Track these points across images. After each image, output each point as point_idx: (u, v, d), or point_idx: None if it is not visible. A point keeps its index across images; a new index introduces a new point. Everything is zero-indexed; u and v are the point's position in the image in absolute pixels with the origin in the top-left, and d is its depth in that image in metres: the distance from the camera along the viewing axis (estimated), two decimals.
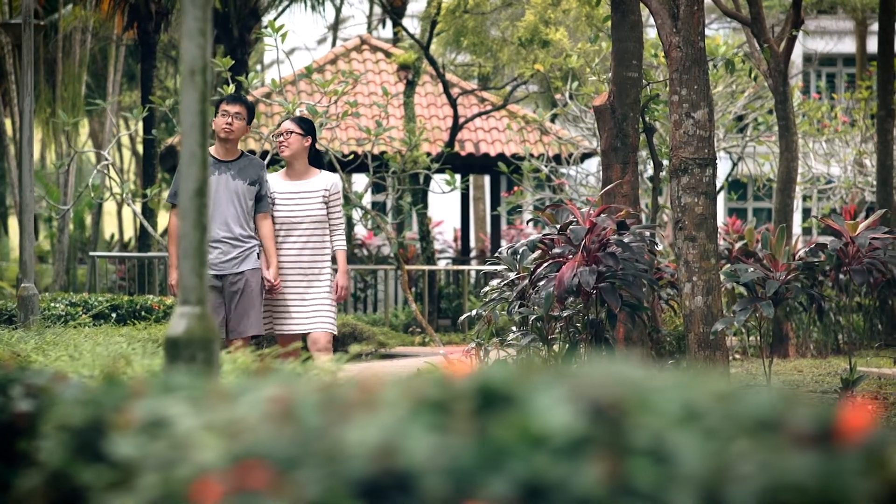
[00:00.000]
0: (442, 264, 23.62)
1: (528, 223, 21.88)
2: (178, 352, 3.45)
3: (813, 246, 7.96)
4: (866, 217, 13.48)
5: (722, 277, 7.84)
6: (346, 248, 8.47)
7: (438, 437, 1.11)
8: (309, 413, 1.18)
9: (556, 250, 7.73)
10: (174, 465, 1.30)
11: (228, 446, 1.23)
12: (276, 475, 1.16)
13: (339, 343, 12.54)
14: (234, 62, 14.41)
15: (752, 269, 7.35)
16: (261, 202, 8.22)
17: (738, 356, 14.04)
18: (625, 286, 7.56)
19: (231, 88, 12.78)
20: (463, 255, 23.64)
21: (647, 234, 8.73)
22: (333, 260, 8.45)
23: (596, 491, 1.07)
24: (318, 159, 8.54)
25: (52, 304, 10.76)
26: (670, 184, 7.36)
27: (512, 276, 8.24)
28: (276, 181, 8.39)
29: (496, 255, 8.51)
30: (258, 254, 8.16)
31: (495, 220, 22.28)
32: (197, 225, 3.47)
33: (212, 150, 8.06)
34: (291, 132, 8.36)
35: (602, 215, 7.55)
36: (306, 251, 8.31)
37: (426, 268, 18.44)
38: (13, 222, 35.88)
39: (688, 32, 7.29)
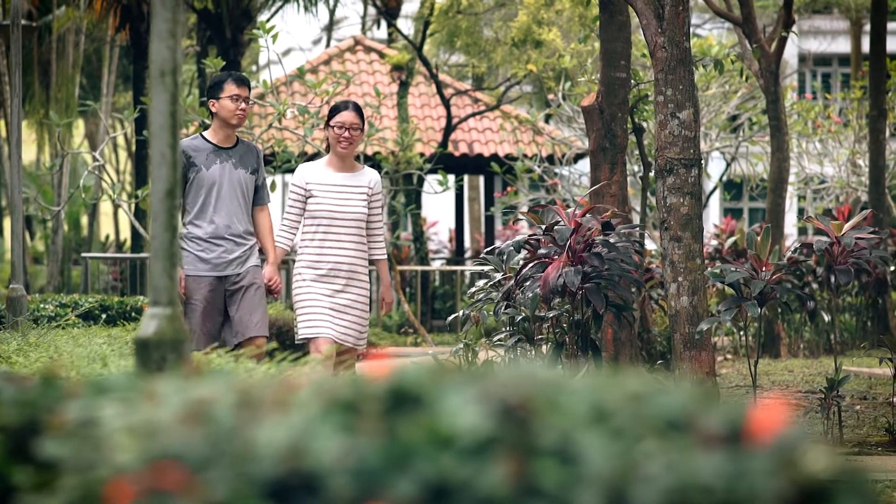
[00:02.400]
0: (436, 265, 23.63)
1: (513, 223, 21.88)
2: (149, 353, 3.45)
3: (799, 246, 7.96)
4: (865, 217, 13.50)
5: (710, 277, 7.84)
6: (386, 256, 7.74)
7: (347, 438, 1.11)
8: (222, 414, 1.18)
9: (542, 251, 7.73)
10: (94, 466, 1.30)
11: (144, 447, 1.24)
12: (188, 476, 1.17)
13: None
14: (225, 63, 14.42)
15: (737, 269, 7.35)
16: (259, 193, 7.54)
17: (729, 356, 14.05)
18: (610, 287, 7.57)
19: None
20: (458, 256, 23.65)
21: (637, 233, 8.75)
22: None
23: (501, 491, 1.07)
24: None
25: (42, 305, 10.76)
26: (656, 184, 7.36)
27: (498, 276, 8.24)
28: (316, 171, 7.52)
29: (482, 255, 8.51)
30: (258, 251, 7.58)
31: (489, 221, 22.29)
32: (167, 226, 3.48)
33: (208, 134, 7.43)
34: (359, 127, 7.51)
35: (587, 215, 7.55)
36: (347, 252, 7.48)
37: (419, 268, 18.45)
38: (8, 223, 35.89)
39: (673, 33, 7.29)
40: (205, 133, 7.47)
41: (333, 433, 1.10)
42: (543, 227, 7.68)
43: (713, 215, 30.91)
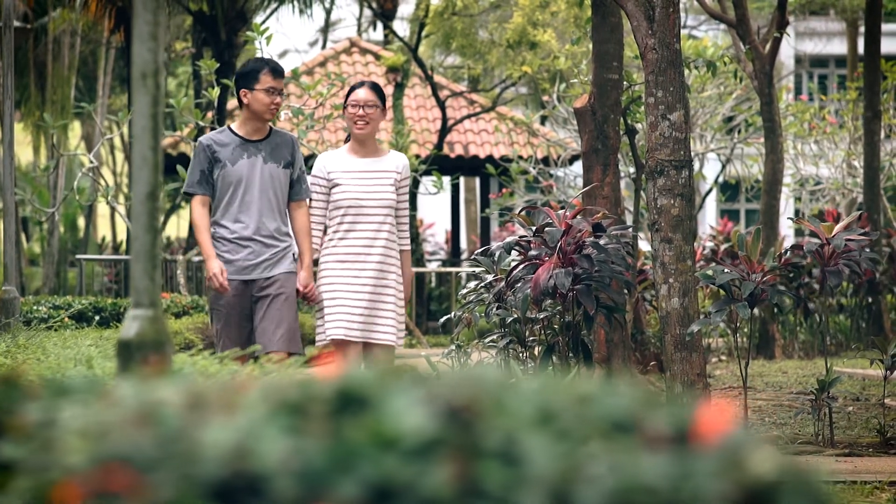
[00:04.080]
0: (432, 266, 23.64)
1: (511, 225, 21.89)
2: (131, 355, 3.45)
3: (790, 247, 7.97)
4: (860, 218, 13.51)
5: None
6: (410, 248, 7.19)
7: (292, 440, 1.11)
8: (170, 415, 1.19)
9: (533, 252, 7.74)
10: (47, 468, 1.30)
11: (94, 449, 1.24)
12: (135, 477, 1.17)
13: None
14: (219, 65, 14.42)
15: (727, 270, 7.35)
16: (295, 187, 6.84)
17: (723, 358, 14.06)
18: (601, 288, 7.57)
19: (217, 91, 12.77)
20: (454, 257, 23.66)
21: (629, 235, 8.75)
22: None
23: (445, 492, 1.07)
24: None
25: (35, 307, 10.77)
26: (647, 185, 7.36)
27: (489, 278, 8.24)
28: (338, 159, 7.03)
29: (472, 257, 8.50)
30: (294, 254, 6.87)
31: (485, 223, 22.29)
32: (149, 228, 3.48)
33: (236, 127, 6.79)
34: (375, 105, 7.03)
35: (578, 217, 7.56)
36: (377, 243, 6.93)
37: (415, 270, 18.45)
38: (0, 225, 35.81)
39: (663, 34, 7.29)
40: (232, 125, 6.86)
41: (279, 435, 1.11)
42: (534, 228, 7.69)
43: (710, 217, 30.93)
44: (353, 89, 7.07)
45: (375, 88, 7.08)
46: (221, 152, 6.71)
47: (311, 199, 6.99)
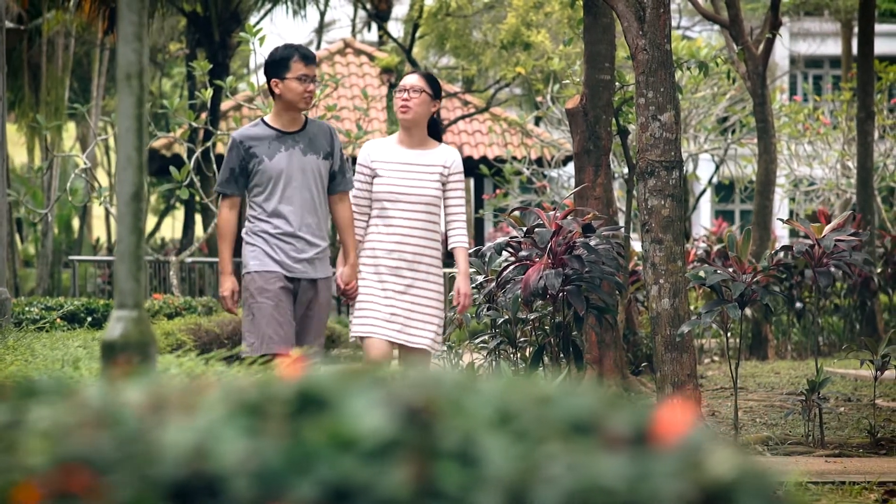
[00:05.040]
0: None
1: (505, 225, 21.91)
2: (115, 356, 3.45)
3: (780, 248, 7.97)
4: (854, 219, 13.52)
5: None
6: (467, 244, 6.76)
7: (250, 441, 1.11)
8: (130, 416, 1.19)
9: (524, 253, 7.74)
10: (8, 470, 1.30)
11: (55, 450, 1.24)
12: (93, 478, 1.17)
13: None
14: (212, 66, 14.42)
15: (717, 270, 7.36)
16: (336, 178, 6.51)
17: (716, 358, 14.07)
18: (591, 289, 7.58)
19: (209, 92, 12.78)
20: (449, 258, 23.65)
21: (620, 235, 8.75)
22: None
23: (402, 493, 1.08)
24: (437, 130, 6.89)
25: (27, 308, 10.75)
26: (637, 186, 7.37)
27: (480, 279, 8.25)
28: (383, 148, 6.72)
29: None
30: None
31: (479, 223, 22.31)
32: (133, 229, 3.48)
33: (270, 119, 6.43)
34: (421, 90, 6.70)
35: (568, 218, 7.57)
36: (412, 239, 6.61)
37: None
38: None
39: (654, 35, 7.30)
40: (266, 118, 6.49)
41: (237, 436, 1.11)
42: (525, 229, 7.69)
43: (704, 217, 30.95)
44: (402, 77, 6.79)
45: (425, 76, 6.80)
46: (257, 147, 6.34)
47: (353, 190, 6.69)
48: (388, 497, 1.07)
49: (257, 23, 20.55)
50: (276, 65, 6.40)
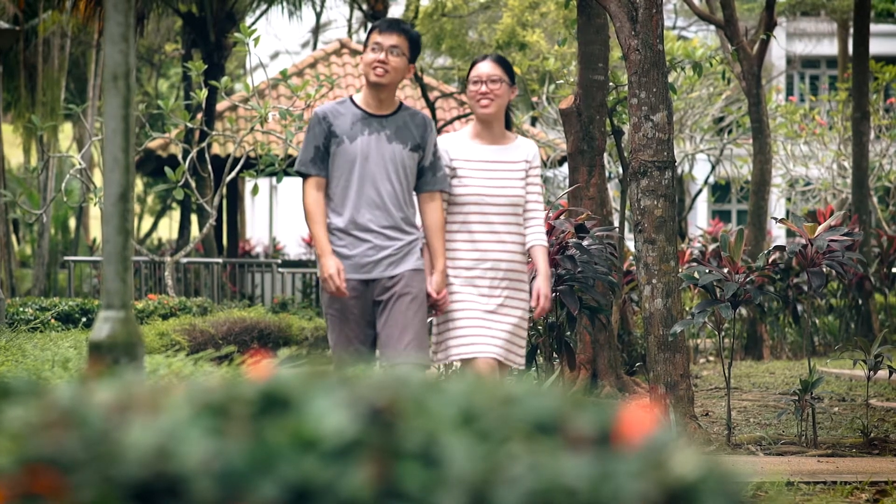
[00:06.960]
0: None
1: None
2: (102, 356, 3.45)
3: (772, 248, 7.98)
4: (849, 219, 13.53)
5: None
6: (546, 243, 5.98)
7: (213, 441, 1.12)
8: (95, 416, 1.19)
9: None
10: None
11: (21, 450, 1.24)
12: (58, 479, 1.17)
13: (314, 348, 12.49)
14: (207, 66, 14.41)
15: (711, 271, 7.36)
16: (426, 175, 5.72)
17: (711, 358, 14.08)
18: (584, 289, 7.59)
19: (204, 92, 12.77)
20: None
21: (614, 236, 8.76)
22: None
23: (363, 493, 1.08)
24: (508, 119, 6.06)
25: (21, 309, 10.75)
26: (630, 187, 7.37)
27: None
28: (461, 144, 5.88)
29: None
30: (422, 249, 5.76)
31: None
32: (120, 230, 3.48)
33: (358, 99, 5.73)
34: (500, 79, 5.87)
35: (560, 218, 7.57)
36: (505, 246, 5.81)
37: None
38: None
39: (646, 35, 7.30)
40: (354, 96, 5.78)
41: (200, 436, 1.11)
42: None
43: (700, 217, 30.96)
44: (474, 63, 5.99)
45: (500, 61, 5.98)
46: (338, 125, 5.65)
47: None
48: (349, 497, 1.08)
49: (253, 23, 20.57)
50: (364, 42, 5.81)
